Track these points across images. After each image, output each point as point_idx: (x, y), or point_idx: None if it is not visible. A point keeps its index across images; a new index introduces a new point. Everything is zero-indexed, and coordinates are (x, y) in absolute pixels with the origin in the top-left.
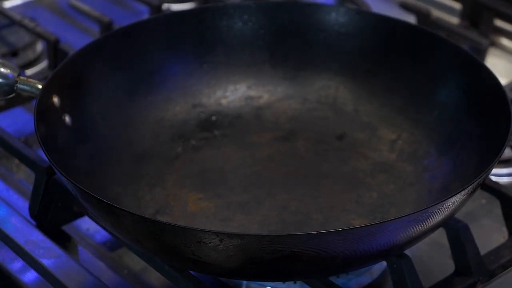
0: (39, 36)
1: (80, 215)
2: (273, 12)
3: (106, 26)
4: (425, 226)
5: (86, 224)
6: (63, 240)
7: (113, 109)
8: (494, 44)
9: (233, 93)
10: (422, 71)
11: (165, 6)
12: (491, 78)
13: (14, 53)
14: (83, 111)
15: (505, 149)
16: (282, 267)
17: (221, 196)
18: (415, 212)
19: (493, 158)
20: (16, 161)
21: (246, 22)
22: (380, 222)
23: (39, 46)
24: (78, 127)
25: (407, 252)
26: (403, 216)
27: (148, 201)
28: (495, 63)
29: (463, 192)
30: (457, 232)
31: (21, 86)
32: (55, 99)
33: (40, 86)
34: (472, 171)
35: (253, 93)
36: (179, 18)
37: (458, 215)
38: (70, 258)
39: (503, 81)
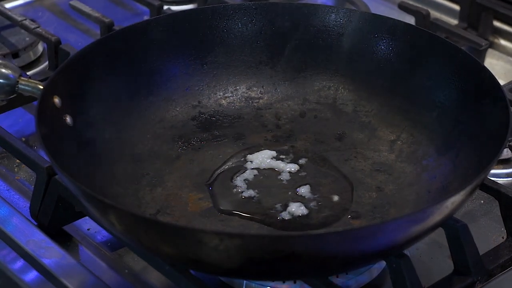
0: (40, 37)
1: (81, 215)
2: (273, 13)
3: (107, 27)
4: (424, 226)
5: (87, 224)
6: (64, 240)
7: (113, 110)
8: (493, 45)
9: (233, 93)
10: (421, 72)
11: (166, 7)
12: (490, 78)
13: (15, 54)
14: (84, 112)
15: (503, 149)
16: (282, 267)
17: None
18: (414, 213)
19: (492, 158)
20: (17, 161)
21: (246, 23)
22: (380, 223)
23: (40, 47)
24: (79, 128)
25: (406, 252)
26: (402, 217)
27: (149, 201)
28: (493, 64)
29: (462, 193)
30: (456, 232)
31: (23, 87)
32: (56, 100)
33: (41, 87)
34: (471, 171)
35: (253, 93)
36: (179, 19)
37: (457, 215)
38: (71, 258)
39: (501, 81)
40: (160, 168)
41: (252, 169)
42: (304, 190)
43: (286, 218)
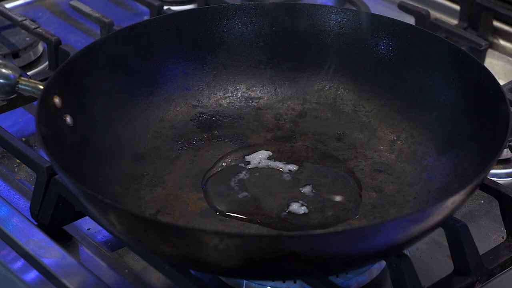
0: (40, 37)
1: (81, 215)
2: (273, 13)
3: (107, 27)
4: (424, 226)
5: (87, 224)
6: (64, 240)
7: (114, 110)
8: (493, 45)
9: (233, 93)
10: (421, 72)
11: (166, 7)
12: (490, 78)
13: (15, 54)
14: (84, 112)
15: (503, 149)
16: (282, 267)
17: (221, 196)
18: (414, 213)
19: (492, 158)
20: (17, 161)
21: (246, 23)
22: (380, 223)
23: (40, 47)
24: (79, 128)
25: (406, 252)
26: (402, 216)
27: (149, 201)
28: (493, 64)
29: (462, 192)
30: (456, 232)
31: (23, 87)
32: (56, 100)
33: (41, 87)
34: (471, 171)
35: (253, 93)
36: (179, 19)
37: (457, 215)
38: (71, 258)
39: (501, 81)
40: (160, 168)
41: (252, 169)
42: (304, 190)
43: (286, 218)
